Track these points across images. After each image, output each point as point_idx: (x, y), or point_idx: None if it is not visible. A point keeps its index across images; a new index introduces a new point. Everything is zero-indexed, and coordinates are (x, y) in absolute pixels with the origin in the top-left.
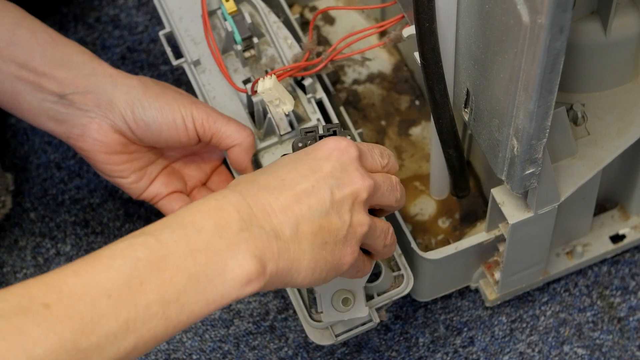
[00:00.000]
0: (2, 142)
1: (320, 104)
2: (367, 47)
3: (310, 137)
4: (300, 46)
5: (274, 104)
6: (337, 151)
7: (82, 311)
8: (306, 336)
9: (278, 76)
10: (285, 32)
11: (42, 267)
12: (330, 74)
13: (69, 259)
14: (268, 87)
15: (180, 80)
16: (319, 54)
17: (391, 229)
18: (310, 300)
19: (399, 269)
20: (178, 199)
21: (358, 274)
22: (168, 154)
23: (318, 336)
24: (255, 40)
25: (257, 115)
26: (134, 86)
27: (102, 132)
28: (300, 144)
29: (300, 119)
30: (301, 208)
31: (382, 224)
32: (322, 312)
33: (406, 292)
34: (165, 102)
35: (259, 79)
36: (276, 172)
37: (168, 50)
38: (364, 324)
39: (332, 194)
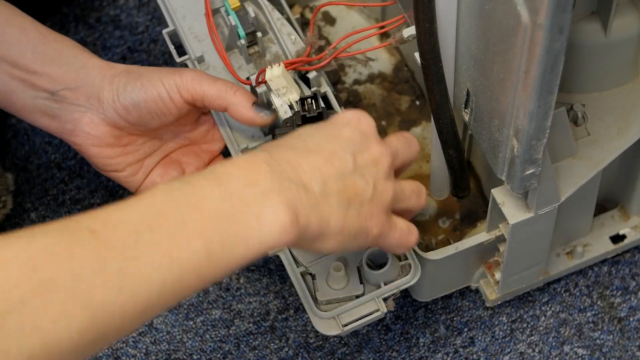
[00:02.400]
0: (3, 142)
1: (325, 98)
2: (371, 48)
3: (288, 128)
4: (304, 42)
5: (280, 92)
6: (354, 120)
7: (125, 239)
8: (307, 336)
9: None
10: (289, 28)
11: None
12: (330, 74)
13: None
14: (276, 75)
15: None
16: (321, 49)
17: (422, 187)
18: (315, 289)
19: (407, 258)
20: None
21: (401, 245)
22: (166, 145)
23: (324, 326)
24: (259, 34)
25: (262, 107)
26: (117, 74)
27: (94, 125)
28: (279, 133)
29: None
30: (327, 167)
31: (409, 184)
32: (317, 292)
33: (414, 281)
34: (147, 79)
35: (265, 68)
36: (299, 137)
37: (171, 48)
38: (370, 313)
39: (354, 157)
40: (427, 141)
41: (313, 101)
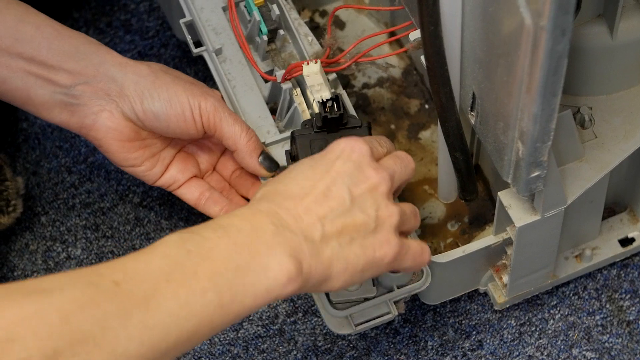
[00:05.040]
0: (14, 146)
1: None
2: (389, 54)
3: (307, 130)
4: (321, 44)
5: (315, 89)
6: (347, 150)
7: (146, 290)
8: (315, 339)
9: (300, 71)
10: (306, 29)
11: (53, 270)
12: (340, 78)
13: (80, 262)
14: (314, 71)
15: (206, 79)
16: (340, 50)
17: (416, 208)
18: None
19: None
20: (196, 185)
21: (416, 265)
22: (178, 139)
23: (337, 325)
24: (281, 32)
25: (281, 104)
26: (143, 75)
27: (114, 119)
28: (297, 134)
29: None
30: (323, 210)
31: (407, 206)
32: (331, 292)
33: (425, 286)
34: (174, 93)
35: (295, 64)
36: (295, 179)
37: (188, 38)
38: (382, 315)
39: (350, 191)
40: (437, 145)
41: (334, 103)
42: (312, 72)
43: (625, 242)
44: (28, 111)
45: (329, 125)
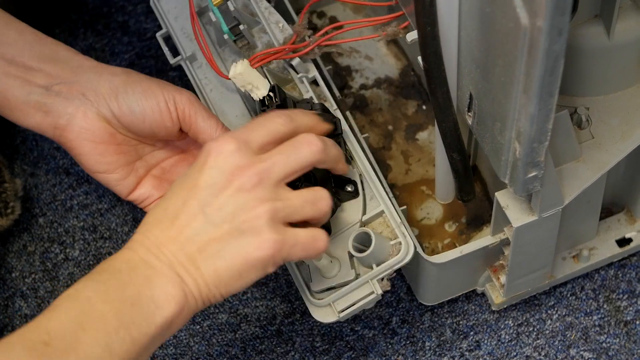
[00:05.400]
0: (12, 148)
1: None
2: (357, 38)
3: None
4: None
5: (247, 88)
6: (213, 154)
7: (71, 343)
8: (313, 340)
9: (263, 59)
10: (277, 16)
11: (51, 272)
12: (337, 79)
13: (77, 264)
14: (239, 72)
15: (188, 87)
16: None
17: (321, 194)
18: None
19: (396, 237)
20: None
21: (310, 253)
22: (158, 152)
23: (322, 314)
24: (241, 27)
25: (248, 100)
26: (117, 74)
27: (88, 120)
28: None
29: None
30: (182, 233)
31: (301, 195)
32: (311, 282)
33: (407, 259)
34: (147, 86)
35: (254, 56)
36: (163, 202)
37: (165, 50)
38: (365, 296)
39: (202, 209)
40: (434, 145)
41: (273, 94)
42: (236, 73)
43: (623, 242)
44: (4, 115)
45: None
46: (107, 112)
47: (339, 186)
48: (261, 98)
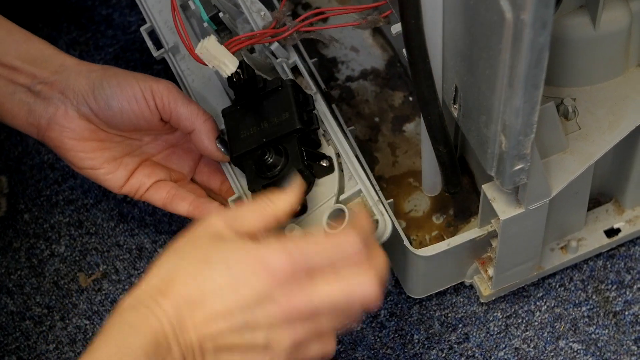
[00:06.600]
0: None
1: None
2: (336, 25)
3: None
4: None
5: (214, 64)
6: (271, 264)
7: None
8: None
9: (241, 43)
10: (259, 5)
11: (37, 268)
12: (323, 71)
13: (63, 259)
14: (205, 46)
15: (174, 80)
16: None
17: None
18: None
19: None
20: (163, 186)
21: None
22: (146, 147)
23: None
24: (221, 15)
25: (223, 83)
26: (94, 70)
27: (69, 118)
28: (226, 113)
29: None
30: (211, 328)
31: (334, 304)
32: None
33: (385, 236)
34: (123, 78)
35: (231, 40)
36: (199, 278)
37: (149, 44)
38: None
39: (243, 314)
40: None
41: (240, 70)
42: (203, 48)
43: (611, 232)
44: None
45: (246, 95)
46: (86, 110)
47: (313, 160)
48: (229, 74)
